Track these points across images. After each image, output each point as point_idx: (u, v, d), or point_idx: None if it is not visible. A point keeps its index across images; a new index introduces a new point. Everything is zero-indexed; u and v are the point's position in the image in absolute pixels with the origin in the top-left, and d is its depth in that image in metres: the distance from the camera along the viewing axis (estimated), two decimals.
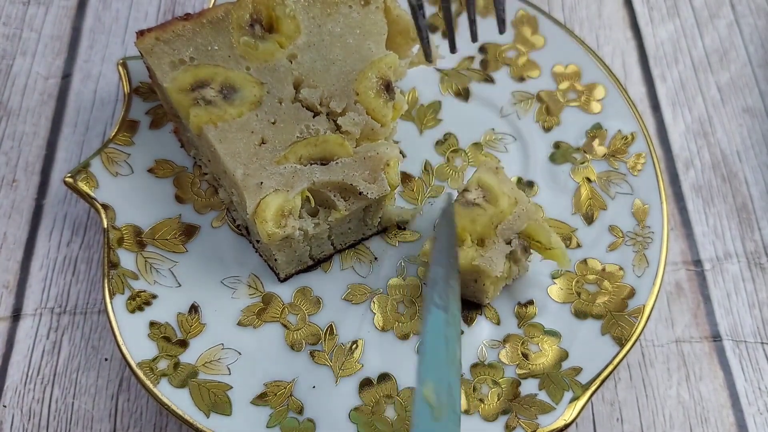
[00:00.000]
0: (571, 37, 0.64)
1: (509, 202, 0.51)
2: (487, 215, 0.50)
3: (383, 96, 0.52)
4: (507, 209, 0.50)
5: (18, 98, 0.66)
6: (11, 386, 0.54)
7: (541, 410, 0.49)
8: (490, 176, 0.52)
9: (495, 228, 0.50)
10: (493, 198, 0.51)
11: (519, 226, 0.50)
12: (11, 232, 0.60)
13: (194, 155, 0.58)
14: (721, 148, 0.65)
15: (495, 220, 0.50)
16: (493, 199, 0.51)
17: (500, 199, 0.51)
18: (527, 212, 0.51)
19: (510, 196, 0.51)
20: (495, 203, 0.50)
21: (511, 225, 0.50)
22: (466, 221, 0.50)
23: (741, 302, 0.59)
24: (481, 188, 0.51)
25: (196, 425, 0.48)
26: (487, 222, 0.50)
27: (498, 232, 0.50)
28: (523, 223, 0.50)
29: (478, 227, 0.50)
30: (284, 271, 0.54)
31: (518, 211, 0.51)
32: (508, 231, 0.50)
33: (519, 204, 0.51)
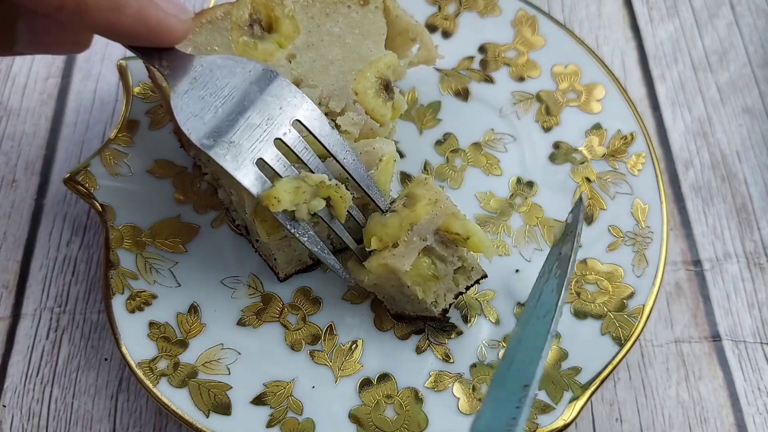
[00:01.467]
0: (571, 37, 0.64)
1: (426, 203, 0.48)
2: (398, 217, 0.48)
3: (382, 96, 0.52)
4: (422, 210, 0.48)
5: (18, 98, 0.66)
6: (11, 386, 0.54)
7: (540, 410, 0.49)
8: (417, 187, 0.50)
9: (408, 230, 0.48)
10: (411, 203, 0.49)
11: (436, 224, 0.48)
12: (11, 232, 0.60)
13: (194, 155, 0.58)
14: (720, 148, 0.65)
15: (407, 221, 0.48)
16: (412, 204, 0.49)
17: (418, 202, 0.49)
18: (444, 209, 0.48)
19: (430, 198, 0.49)
20: (411, 207, 0.48)
21: (427, 224, 0.48)
22: (377, 227, 0.48)
23: (740, 302, 0.59)
24: (406, 197, 0.50)
25: (195, 425, 0.48)
26: (397, 224, 0.48)
27: (413, 233, 0.48)
28: (440, 219, 0.48)
29: (387, 230, 0.48)
30: (284, 271, 0.54)
31: (435, 210, 0.48)
32: (424, 230, 0.48)
33: (437, 203, 0.48)
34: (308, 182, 0.45)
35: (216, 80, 0.44)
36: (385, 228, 0.48)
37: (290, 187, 0.44)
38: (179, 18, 0.41)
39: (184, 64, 0.44)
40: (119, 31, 0.39)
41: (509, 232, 0.57)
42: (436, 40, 0.64)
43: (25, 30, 0.43)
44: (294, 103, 0.45)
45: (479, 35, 0.65)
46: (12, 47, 0.44)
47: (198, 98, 0.43)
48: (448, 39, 0.65)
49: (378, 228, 0.48)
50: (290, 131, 0.45)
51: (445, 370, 0.52)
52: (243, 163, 0.43)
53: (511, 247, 0.56)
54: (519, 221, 0.57)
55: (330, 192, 0.46)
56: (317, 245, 0.47)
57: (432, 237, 0.48)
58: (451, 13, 0.66)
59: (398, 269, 0.47)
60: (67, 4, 0.36)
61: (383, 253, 0.48)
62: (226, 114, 0.43)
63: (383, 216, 0.49)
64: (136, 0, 0.38)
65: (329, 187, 0.46)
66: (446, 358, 0.52)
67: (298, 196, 0.45)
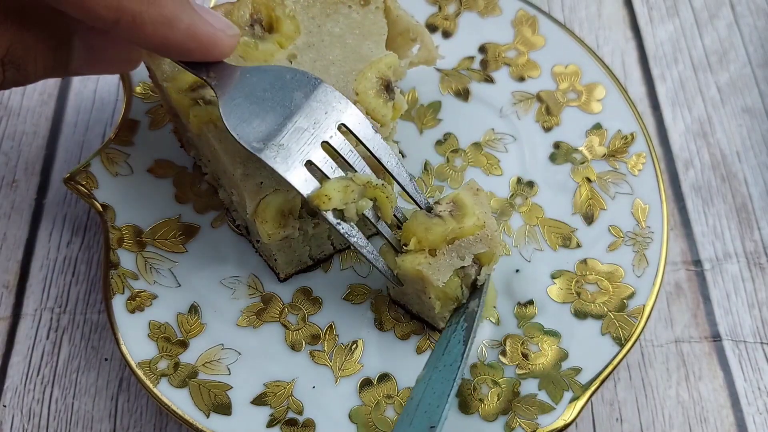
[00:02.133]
0: (571, 37, 0.64)
1: (475, 223, 0.47)
2: (444, 228, 0.47)
3: (383, 96, 0.52)
4: (469, 229, 0.47)
5: (18, 98, 0.66)
6: (11, 386, 0.54)
7: (540, 410, 0.49)
8: (467, 196, 0.49)
9: (449, 242, 0.47)
10: (460, 216, 0.48)
11: (477, 249, 0.47)
12: (11, 232, 0.60)
13: (194, 155, 0.58)
14: (720, 148, 0.65)
15: (451, 234, 0.47)
16: (460, 217, 0.48)
17: (467, 218, 0.48)
18: (491, 239, 0.48)
19: (480, 218, 0.48)
20: (459, 220, 0.48)
21: (469, 245, 0.47)
22: (420, 228, 0.48)
23: (740, 302, 0.59)
24: (454, 204, 0.49)
25: (196, 425, 0.48)
26: (441, 234, 0.47)
27: (452, 247, 0.47)
28: (482, 247, 0.47)
29: (429, 236, 0.47)
30: (284, 271, 0.54)
31: (481, 235, 0.47)
32: (464, 249, 0.47)
33: (485, 228, 0.48)
34: (356, 182, 0.46)
35: (263, 89, 0.45)
36: (428, 233, 0.47)
37: (340, 186, 0.45)
38: (227, 33, 0.43)
39: (231, 75, 0.45)
40: (171, 46, 0.40)
41: (509, 232, 0.57)
42: (436, 40, 0.64)
43: (80, 47, 0.44)
44: (339, 108, 0.46)
45: (479, 35, 0.65)
46: (68, 66, 0.44)
47: (246, 105, 0.45)
48: (448, 39, 0.65)
49: (420, 230, 0.48)
50: (336, 134, 0.46)
51: None
52: (292, 165, 0.45)
53: (512, 247, 0.56)
54: (519, 221, 0.57)
55: (377, 192, 0.47)
56: (365, 247, 0.48)
57: (470, 259, 0.48)
58: (451, 13, 0.66)
59: (431, 281, 0.46)
60: (122, 19, 0.37)
61: (419, 257, 0.47)
62: (274, 119, 0.45)
63: (428, 218, 0.48)
64: (187, 16, 0.40)
65: (376, 187, 0.47)
66: None
67: (347, 194, 0.45)
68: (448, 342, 0.49)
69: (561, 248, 0.56)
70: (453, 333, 0.49)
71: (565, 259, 0.56)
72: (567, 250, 0.56)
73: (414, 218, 0.48)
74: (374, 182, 0.47)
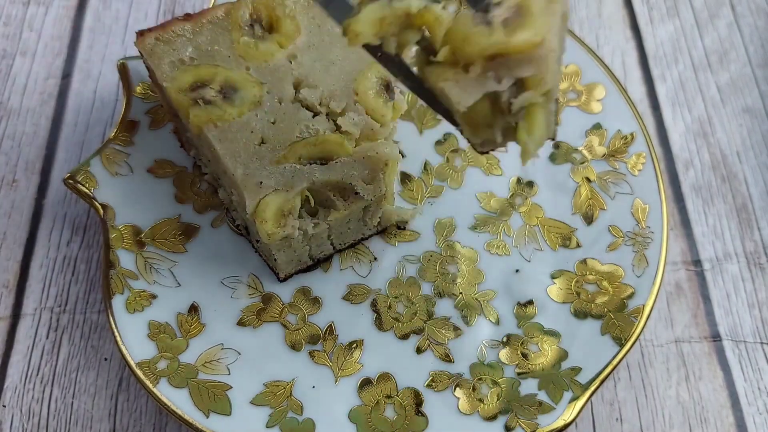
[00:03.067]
0: (571, 37, 0.64)
1: (529, 39, 0.36)
2: (488, 37, 0.36)
3: (383, 96, 0.52)
4: (519, 45, 0.36)
5: (18, 98, 0.66)
6: (11, 386, 0.54)
7: (540, 410, 0.49)
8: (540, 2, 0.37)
9: (490, 58, 0.37)
10: (516, 25, 0.36)
11: (521, 71, 0.37)
12: (11, 231, 0.60)
13: (194, 155, 0.58)
14: (720, 148, 0.65)
15: (492, 48, 0.36)
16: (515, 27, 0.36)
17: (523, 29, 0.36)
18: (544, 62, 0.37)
19: (539, 32, 0.36)
20: (512, 32, 0.36)
21: (513, 64, 0.36)
22: (458, 35, 0.37)
23: (741, 302, 0.59)
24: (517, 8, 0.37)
25: (195, 425, 0.48)
26: (483, 45, 0.36)
27: (492, 64, 0.37)
28: (529, 70, 0.37)
29: (466, 47, 0.37)
30: (284, 271, 0.54)
31: (533, 54, 0.36)
32: (506, 70, 0.37)
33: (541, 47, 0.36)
34: (395, 11, 0.38)
35: None
36: (466, 42, 0.37)
37: (373, 17, 0.37)
38: None
39: None
40: None
41: (509, 232, 0.57)
42: None
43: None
44: None
45: None
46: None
47: None
48: None
49: (458, 37, 0.37)
50: None
51: (445, 370, 0.52)
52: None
53: (511, 247, 0.56)
54: (519, 221, 0.57)
55: (424, 20, 0.38)
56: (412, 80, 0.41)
57: (509, 83, 0.37)
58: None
59: (452, 102, 0.38)
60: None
61: (447, 72, 0.38)
62: None
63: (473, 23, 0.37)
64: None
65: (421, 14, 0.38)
66: (446, 358, 0.52)
67: (382, 28, 0.38)
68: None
69: (561, 248, 0.56)
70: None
71: (565, 259, 0.56)
72: (567, 250, 0.56)
73: (455, 21, 0.38)
74: (415, 9, 0.38)
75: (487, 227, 0.57)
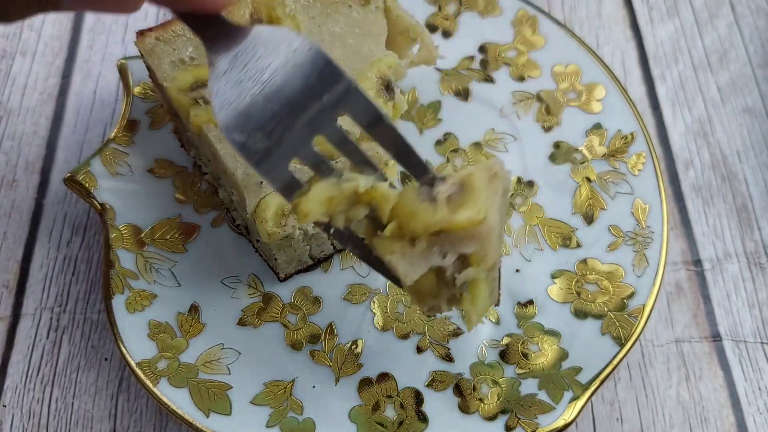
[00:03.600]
0: (571, 36, 0.64)
1: (471, 217, 0.38)
2: (432, 214, 0.38)
3: (383, 96, 0.52)
4: (461, 223, 0.37)
5: (18, 98, 0.66)
6: (11, 386, 0.54)
7: (540, 410, 0.49)
8: (480, 179, 0.39)
9: (435, 234, 0.38)
10: (459, 202, 0.38)
11: (464, 248, 0.38)
12: (11, 231, 0.60)
13: (194, 155, 0.58)
14: (720, 148, 0.65)
15: (436, 226, 0.38)
16: (458, 204, 0.38)
17: (465, 208, 0.38)
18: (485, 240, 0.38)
19: (481, 211, 0.38)
20: (455, 209, 0.38)
21: (456, 240, 0.38)
22: (404, 211, 0.39)
23: (741, 302, 0.59)
24: (460, 186, 0.39)
25: (196, 425, 0.48)
26: (426, 222, 0.38)
27: (437, 240, 0.38)
28: (471, 246, 0.38)
29: (413, 224, 0.38)
30: (284, 271, 0.54)
31: (475, 232, 0.38)
32: (450, 246, 0.38)
33: (483, 225, 0.38)
34: (343, 191, 0.39)
35: (258, 59, 0.38)
36: (411, 218, 0.38)
37: (322, 197, 0.38)
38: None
39: (227, 36, 0.38)
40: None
41: (509, 232, 0.57)
42: (436, 40, 0.64)
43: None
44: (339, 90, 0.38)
45: (479, 35, 0.65)
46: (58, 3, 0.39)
47: (236, 82, 0.37)
48: (448, 39, 0.65)
49: (404, 213, 0.39)
50: (335, 126, 0.38)
51: (446, 369, 0.52)
52: (277, 165, 0.38)
53: (512, 247, 0.56)
54: (519, 221, 0.57)
55: (371, 197, 0.39)
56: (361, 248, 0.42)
57: (452, 258, 0.39)
58: (451, 13, 0.66)
59: (400, 276, 0.39)
60: None
61: (394, 245, 0.39)
62: (264, 103, 0.37)
63: (418, 199, 0.39)
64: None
65: (368, 192, 0.39)
66: (446, 358, 0.52)
67: (331, 206, 0.39)
68: None
69: (561, 248, 0.56)
70: None
71: (565, 258, 0.56)
72: (567, 249, 0.56)
73: (402, 197, 0.39)
74: (362, 188, 0.39)
75: None
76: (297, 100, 0.38)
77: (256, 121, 0.37)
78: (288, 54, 0.38)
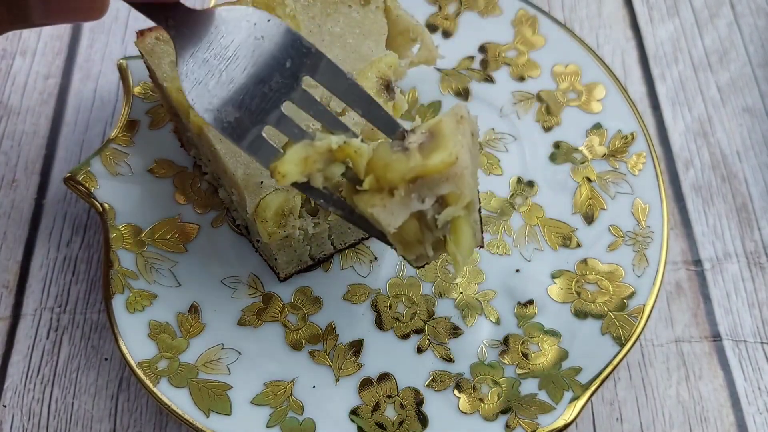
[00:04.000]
0: (571, 36, 0.64)
1: (443, 160, 0.39)
2: (406, 162, 0.39)
3: (383, 96, 0.52)
4: (435, 166, 0.39)
5: (18, 98, 0.66)
6: (11, 386, 0.54)
7: (541, 410, 0.49)
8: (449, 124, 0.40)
9: (411, 181, 0.39)
10: (431, 148, 0.40)
11: (441, 189, 0.39)
12: (11, 231, 0.60)
13: (194, 155, 0.58)
14: (721, 148, 0.65)
15: (411, 173, 0.39)
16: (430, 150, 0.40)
17: (437, 152, 0.39)
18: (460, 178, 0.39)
19: (452, 153, 0.39)
20: (427, 155, 0.39)
21: (434, 184, 0.39)
22: (379, 164, 0.40)
23: (741, 302, 0.59)
24: (429, 133, 0.40)
25: (196, 425, 0.48)
26: (402, 170, 0.39)
27: (414, 187, 0.39)
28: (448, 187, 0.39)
29: (389, 174, 0.39)
30: (284, 271, 0.54)
31: (449, 172, 0.39)
32: (427, 190, 0.40)
33: (456, 165, 0.39)
34: (317, 150, 0.40)
35: (221, 38, 0.40)
36: (387, 170, 0.40)
37: (297, 158, 0.40)
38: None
39: (189, 22, 0.40)
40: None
41: (510, 232, 0.57)
42: (436, 40, 0.64)
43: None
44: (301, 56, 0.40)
45: (480, 35, 0.65)
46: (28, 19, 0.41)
47: (202, 62, 0.40)
48: (448, 39, 0.65)
49: (379, 166, 0.40)
50: (301, 89, 0.40)
51: (446, 369, 0.52)
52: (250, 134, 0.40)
53: (512, 247, 0.56)
54: (519, 221, 0.57)
55: (346, 153, 0.40)
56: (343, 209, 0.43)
57: (431, 201, 0.40)
58: (451, 13, 0.66)
59: (383, 226, 0.40)
60: None
61: (376, 197, 0.40)
62: (231, 78, 0.40)
63: (391, 152, 0.40)
64: None
65: (341, 148, 0.40)
66: (446, 358, 0.52)
67: (307, 166, 0.40)
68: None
69: (561, 248, 0.56)
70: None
71: (566, 258, 0.56)
72: (567, 249, 0.56)
73: (375, 152, 0.41)
74: (335, 145, 0.40)
75: (487, 227, 0.57)
76: (262, 70, 0.40)
77: (225, 95, 0.39)
78: (249, 28, 0.40)
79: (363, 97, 0.41)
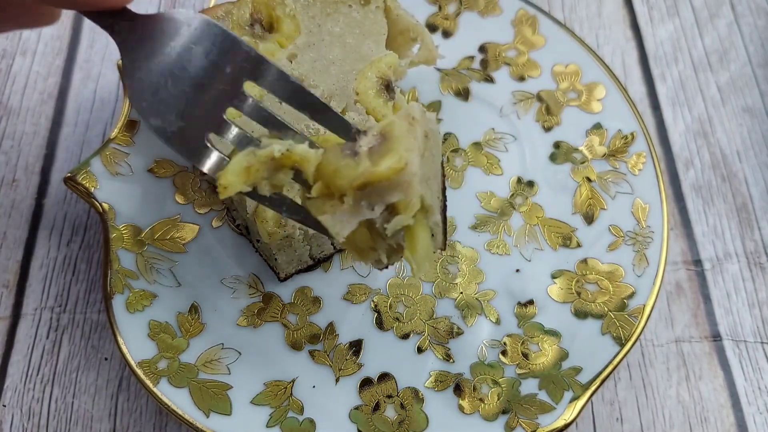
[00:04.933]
0: (572, 36, 0.64)
1: (392, 166, 0.37)
2: (355, 168, 0.38)
3: (383, 96, 0.52)
4: (383, 172, 0.37)
5: (18, 98, 0.66)
6: (11, 386, 0.54)
7: (541, 410, 0.49)
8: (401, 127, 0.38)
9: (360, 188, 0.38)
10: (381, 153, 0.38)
11: (390, 197, 0.38)
12: (11, 231, 0.60)
13: None
14: (721, 148, 0.65)
15: (359, 179, 0.37)
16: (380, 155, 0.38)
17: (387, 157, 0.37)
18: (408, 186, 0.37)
19: (402, 158, 0.37)
20: (377, 160, 0.37)
21: (381, 191, 0.37)
22: (328, 170, 0.38)
23: (741, 302, 0.59)
24: (381, 136, 0.39)
25: (196, 425, 0.48)
26: (351, 177, 0.38)
27: (363, 193, 0.38)
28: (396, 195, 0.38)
29: (338, 180, 0.38)
30: (284, 271, 0.54)
31: (398, 179, 0.37)
32: (377, 198, 0.38)
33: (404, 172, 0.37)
34: (259, 158, 0.38)
35: (164, 44, 0.38)
36: (336, 176, 0.38)
37: (239, 168, 0.38)
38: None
39: (136, 27, 0.39)
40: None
41: (510, 232, 0.57)
42: (436, 40, 0.64)
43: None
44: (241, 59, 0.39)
45: (480, 35, 0.65)
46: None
47: (147, 70, 0.38)
48: (448, 39, 0.65)
49: (328, 172, 0.38)
50: (244, 95, 0.39)
51: (446, 369, 0.52)
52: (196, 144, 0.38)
53: (512, 247, 0.56)
54: (519, 221, 0.57)
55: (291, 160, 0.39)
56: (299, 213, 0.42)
57: (380, 209, 0.38)
58: (451, 13, 0.66)
59: (333, 235, 0.39)
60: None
61: (324, 205, 0.39)
62: (173, 85, 0.38)
63: (340, 156, 0.38)
64: None
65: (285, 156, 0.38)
66: (447, 358, 0.52)
67: (250, 176, 0.38)
68: None
69: (561, 248, 0.56)
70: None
71: (566, 258, 0.56)
72: (567, 249, 0.56)
73: (325, 157, 0.39)
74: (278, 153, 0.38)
75: (487, 227, 0.57)
76: (202, 76, 0.38)
77: (167, 103, 0.38)
78: (189, 34, 0.38)
79: (309, 100, 0.40)
